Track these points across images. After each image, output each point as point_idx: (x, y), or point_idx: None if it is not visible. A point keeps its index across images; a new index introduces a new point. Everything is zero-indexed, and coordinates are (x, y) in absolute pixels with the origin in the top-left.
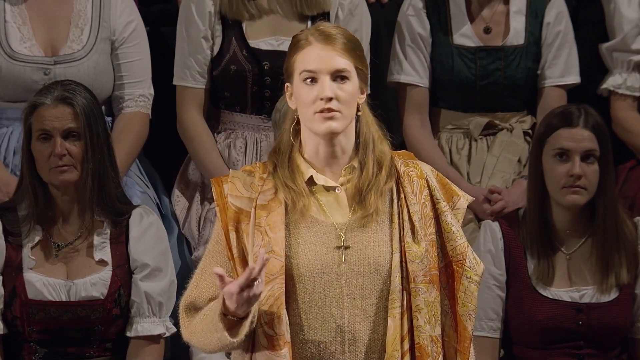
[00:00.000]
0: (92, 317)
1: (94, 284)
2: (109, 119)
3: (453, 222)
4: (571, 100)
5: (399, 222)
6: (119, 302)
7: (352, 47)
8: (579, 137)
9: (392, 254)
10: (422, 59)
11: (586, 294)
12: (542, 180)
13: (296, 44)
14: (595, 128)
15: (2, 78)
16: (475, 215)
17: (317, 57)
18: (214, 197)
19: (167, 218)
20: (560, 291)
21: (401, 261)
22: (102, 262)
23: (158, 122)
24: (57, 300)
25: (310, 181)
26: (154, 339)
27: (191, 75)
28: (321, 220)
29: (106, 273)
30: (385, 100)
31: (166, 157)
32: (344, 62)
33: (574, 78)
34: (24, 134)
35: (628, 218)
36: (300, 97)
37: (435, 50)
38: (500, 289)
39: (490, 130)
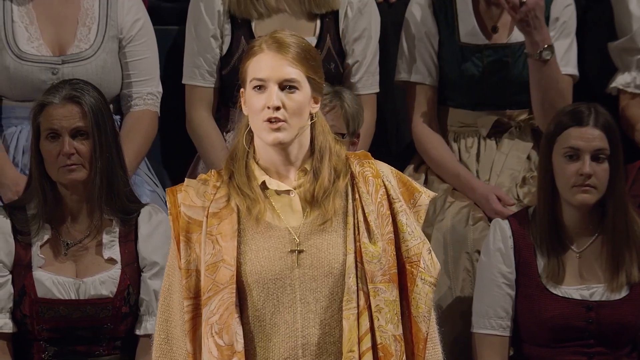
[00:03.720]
0: (101, 316)
1: (103, 282)
2: (117, 117)
3: (408, 222)
4: (580, 99)
5: (354, 223)
6: (128, 301)
7: (304, 57)
8: (589, 136)
9: (345, 255)
10: (429, 57)
11: (596, 292)
12: (552, 179)
13: (250, 51)
14: (605, 127)
15: (11, 78)
16: (485, 214)
17: (266, 65)
18: (168, 206)
19: None
20: (570, 289)
21: (356, 261)
22: (111, 261)
23: (167, 121)
24: (67, 298)
25: (264, 186)
26: None
27: (200, 75)
28: (275, 225)
29: (115, 271)
30: (394, 100)
31: (175, 155)
32: (293, 72)
33: (572, 70)
34: (32, 133)
35: (638, 216)
36: (250, 104)
37: (442, 49)
38: (510, 287)
39: (498, 128)
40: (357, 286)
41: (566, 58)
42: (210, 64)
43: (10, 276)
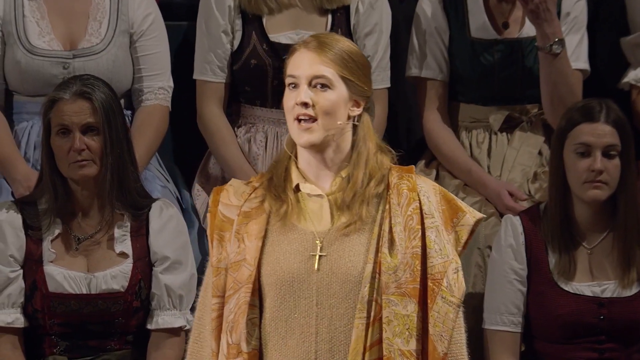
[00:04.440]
0: (113, 310)
1: (114, 276)
2: (128, 112)
3: (437, 239)
4: (591, 94)
5: (379, 233)
6: (139, 295)
7: (342, 57)
8: (600, 132)
9: (365, 263)
10: (440, 53)
11: (608, 288)
12: (563, 175)
13: (292, 50)
14: (616, 123)
15: (22, 72)
16: (497, 209)
17: (300, 63)
18: (209, 204)
19: (188, 212)
20: (581, 286)
21: (374, 271)
22: (122, 255)
23: (178, 116)
24: (78, 293)
25: (297, 189)
26: (174, 331)
27: (211, 70)
28: (301, 228)
29: (127, 266)
30: (405, 95)
31: (186, 151)
32: (325, 70)
33: (583, 65)
34: (43, 129)
35: None
36: (284, 102)
37: (453, 44)
38: (522, 283)
39: (510, 123)
40: (373, 297)
41: (577, 53)
42: (221, 59)
43: (21, 271)
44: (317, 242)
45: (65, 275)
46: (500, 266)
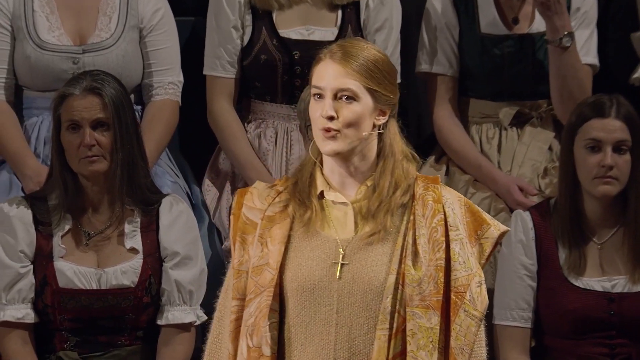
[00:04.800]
0: (123, 306)
1: (124, 272)
2: (138, 107)
3: (461, 252)
4: (601, 90)
5: (403, 244)
6: (149, 291)
7: (367, 68)
8: (611, 127)
9: (388, 274)
10: (450, 48)
11: (618, 283)
12: (574, 170)
13: (317, 57)
14: (627, 118)
15: (32, 67)
16: (507, 205)
17: (325, 74)
18: (233, 206)
19: (198, 208)
20: (592, 281)
21: (397, 283)
22: (133, 251)
23: (188, 111)
24: (88, 288)
25: (322, 195)
26: (185, 327)
27: (221, 65)
28: (324, 235)
29: (137, 261)
30: (416, 91)
31: (196, 146)
32: (350, 83)
33: (592, 60)
34: (53, 124)
35: None
36: (310, 112)
37: (463, 40)
38: (532, 278)
39: (520, 118)
40: (395, 308)
41: (586, 48)
42: (231, 55)
43: (31, 266)
44: (340, 250)
45: (75, 271)
46: (510, 261)
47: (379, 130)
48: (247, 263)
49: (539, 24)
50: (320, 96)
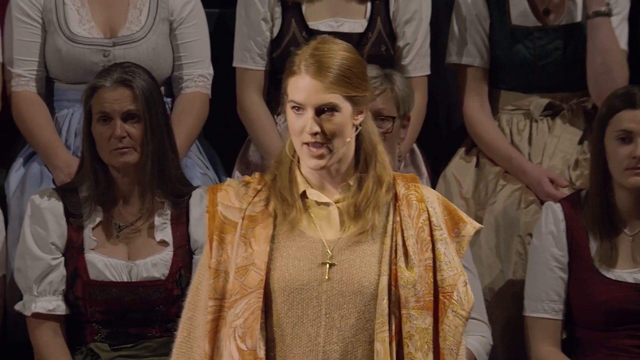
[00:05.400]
0: (154, 298)
1: (155, 264)
2: (168, 100)
3: (446, 252)
4: (632, 81)
5: (391, 245)
6: (179, 283)
7: (344, 76)
8: None
9: (379, 276)
10: (480, 40)
11: None
12: (605, 162)
13: (290, 67)
14: None
15: (63, 60)
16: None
17: (304, 89)
18: (206, 204)
19: None
20: (623, 272)
21: (389, 284)
22: (163, 243)
23: (218, 103)
24: (119, 280)
25: (304, 196)
26: None
27: (251, 58)
28: (310, 235)
29: (167, 254)
30: (445, 82)
31: (226, 138)
32: (331, 97)
33: (623, 46)
34: (84, 117)
35: None
36: (289, 123)
37: (493, 31)
38: (562, 270)
39: (550, 110)
40: (391, 310)
41: (617, 33)
42: (261, 47)
43: (62, 258)
44: (328, 250)
45: (106, 263)
46: (541, 253)
47: (357, 129)
48: (226, 263)
49: (570, 16)
50: (299, 109)
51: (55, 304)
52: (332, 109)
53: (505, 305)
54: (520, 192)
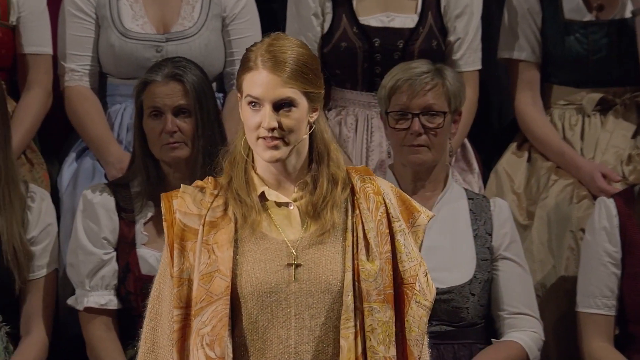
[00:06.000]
0: None
1: None
2: (220, 95)
3: (406, 243)
4: None
5: (353, 239)
6: None
7: (301, 72)
8: None
9: (344, 272)
10: (532, 34)
11: None
12: None
13: (246, 63)
14: None
15: (116, 56)
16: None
17: (261, 84)
18: (163, 212)
19: None
20: None
21: (353, 279)
22: None
23: None
24: None
25: (263, 197)
26: None
27: None
28: (272, 237)
29: None
30: (497, 77)
31: None
32: (289, 91)
33: None
34: (135, 111)
35: None
36: (245, 119)
37: (545, 26)
38: (615, 266)
39: (603, 105)
40: (356, 305)
41: None
42: (312, 43)
43: (114, 253)
44: (292, 251)
45: (157, 258)
46: (594, 249)
47: (312, 127)
48: (189, 270)
49: (623, 10)
50: (255, 104)
51: (107, 299)
52: (290, 104)
53: (557, 301)
54: (572, 187)
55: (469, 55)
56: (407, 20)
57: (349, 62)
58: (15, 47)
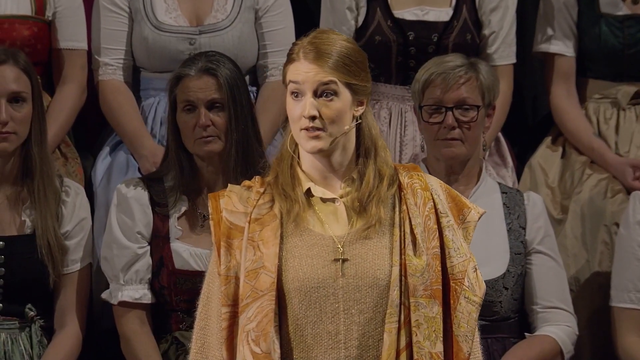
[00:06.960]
0: None
1: None
2: (253, 88)
3: (454, 238)
4: None
5: (400, 235)
6: None
7: (343, 63)
8: None
9: (391, 266)
10: (568, 28)
11: None
12: None
13: (289, 56)
14: None
15: (149, 49)
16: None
17: (303, 72)
18: (210, 211)
19: None
20: None
21: (400, 274)
22: None
23: None
24: (204, 270)
25: (309, 193)
26: None
27: None
28: (319, 233)
29: None
30: (532, 71)
31: None
32: (329, 80)
33: None
34: (168, 105)
35: None
36: (288, 110)
37: (581, 19)
38: None
39: (638, 99)
40: (401, 300)
41: None
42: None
43: (148, 247)
44: (339, 246)
45: (191, 253)
46: (628, 243)
47: (357, 121)
48: (235, 268)
49: None
50: (298, 95)
51: (141, 293)
52: (330, 92)
53: (591, 295)
54: (606, 181)
55: (503, 49)
56: (441, 13)
57: (383, 56)
58: (50, 42)
